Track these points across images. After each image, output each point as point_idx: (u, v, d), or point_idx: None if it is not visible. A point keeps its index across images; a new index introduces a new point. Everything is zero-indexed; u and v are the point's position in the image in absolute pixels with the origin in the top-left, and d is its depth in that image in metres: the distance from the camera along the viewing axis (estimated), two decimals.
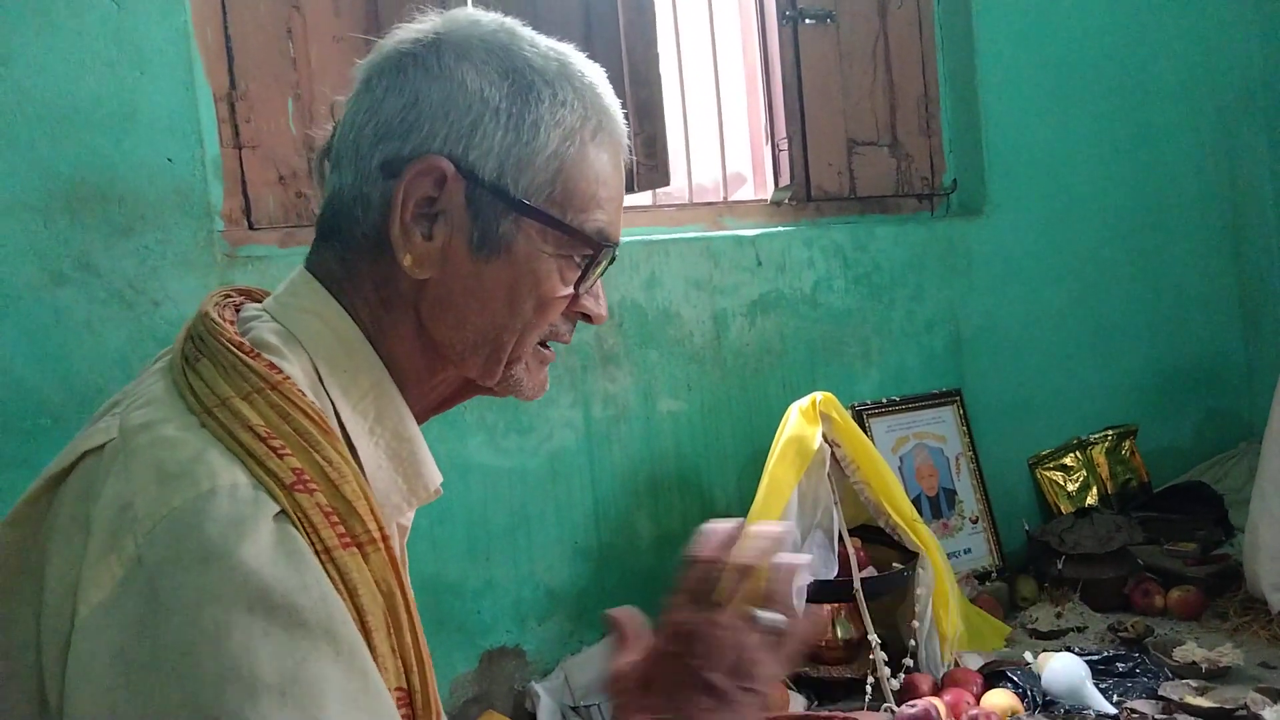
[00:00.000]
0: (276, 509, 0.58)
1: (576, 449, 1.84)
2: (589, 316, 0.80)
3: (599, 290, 0.80)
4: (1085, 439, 2.39)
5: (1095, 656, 1.70)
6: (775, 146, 2.21)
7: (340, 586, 0.59)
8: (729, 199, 2.19)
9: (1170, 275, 2.54)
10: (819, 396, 1.76)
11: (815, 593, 1.68)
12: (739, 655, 0.71)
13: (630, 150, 0.80)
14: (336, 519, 0.61)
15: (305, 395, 0.65)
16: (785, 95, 2.18)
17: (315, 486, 0.61)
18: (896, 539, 1.78)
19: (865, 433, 1.97)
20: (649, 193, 2.04)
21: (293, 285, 0.75)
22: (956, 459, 2.20)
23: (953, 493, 2.18)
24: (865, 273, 2.16)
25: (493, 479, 1.76)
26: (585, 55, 0.77)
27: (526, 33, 0.75)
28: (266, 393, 0.63)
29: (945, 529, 2.14)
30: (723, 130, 2.18)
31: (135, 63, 1.48)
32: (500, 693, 1.75)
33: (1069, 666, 1.61)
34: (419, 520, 0.80)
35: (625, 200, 1.99)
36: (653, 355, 1.92)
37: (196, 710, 0.51)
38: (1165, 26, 2.52)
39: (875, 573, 1.74)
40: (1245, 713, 1.45)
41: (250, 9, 1.64)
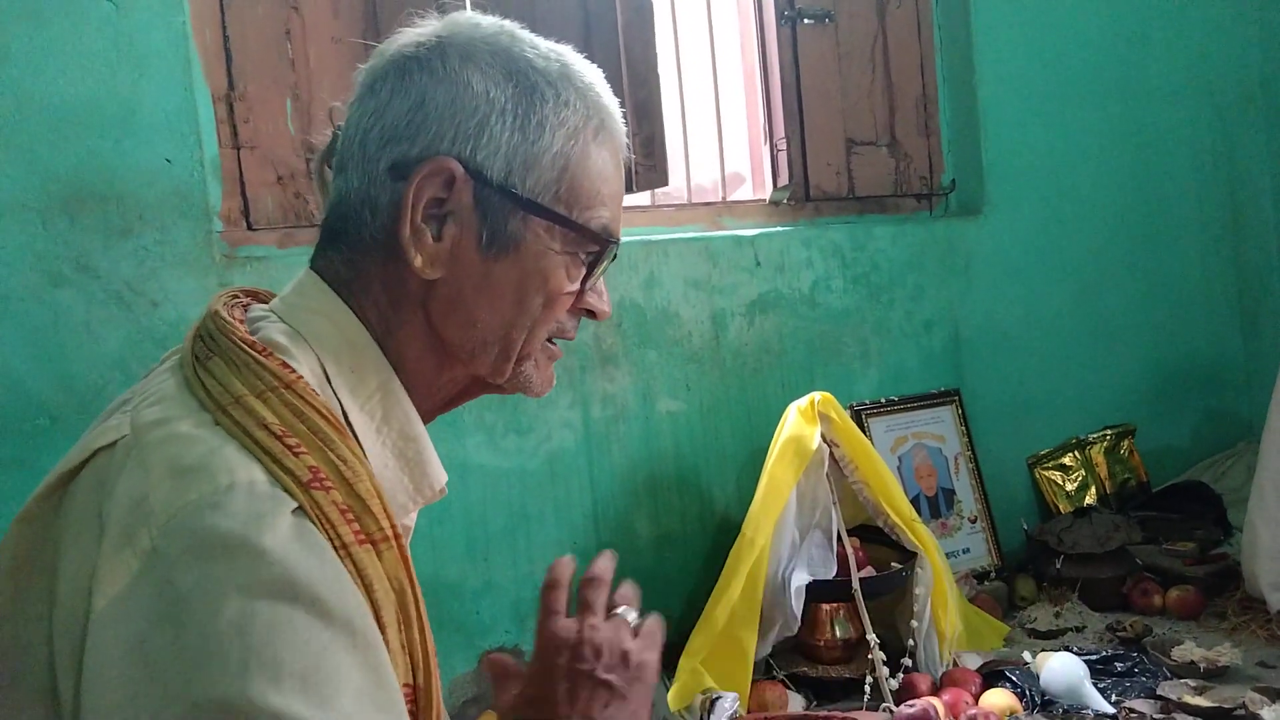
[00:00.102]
0: (294, 504, 0.59)
1: (575, 449, 1.84)
2: (593, 313, 0.81)
3: (602, 286, 0.81)
4: (1084, 438, 2.39)
5: (1094, 656, 1.70)
6: (774, 146, 2.21)
7: (357, 582, 0.60)
8: (727, 199, 2.19)
9: (1169, 275, 2.54)
10: (817, 396, 1.77)
11: (814, 592, 1.69)
12: (621, 651, 0.78)
13: (629, 150, 0.81)
14: (352, 516, 0.61)
15: (318, 395, 0.66)
16: (784, 95, 2.18)
17: (331, 484, 0.61)
18: (895, 539, 1.79)
19: (864, 432, 1.98)
20: (648, 193, 2.04)
21: (300, 286, 0.75)
22: (955, 459, 2.20)
23: (951, 492, 2.18)
24: (864, 273, 2.16)
25: (492, 479, 1.76)
26: (584, 56, 0.78)
27: (526, 35, 0.76)
28: (281, 391, 0.64)
29: (944, 529, 2.15)
30: (721, 130, 2.18)
31: (134, 64, 1.49)
32: None
33: (1067, 666, 1.61)
34: (418, 521, 0.80)
35: (624, 200, 2.00)
36: (651, 355, 1.92)
37: (220, 696, 0.51)
38: (1164, 27, 2.52)
39: (874, 572, 1.75)
40: (1243, 712, 1.45)
41: (249, 10, 1.64)
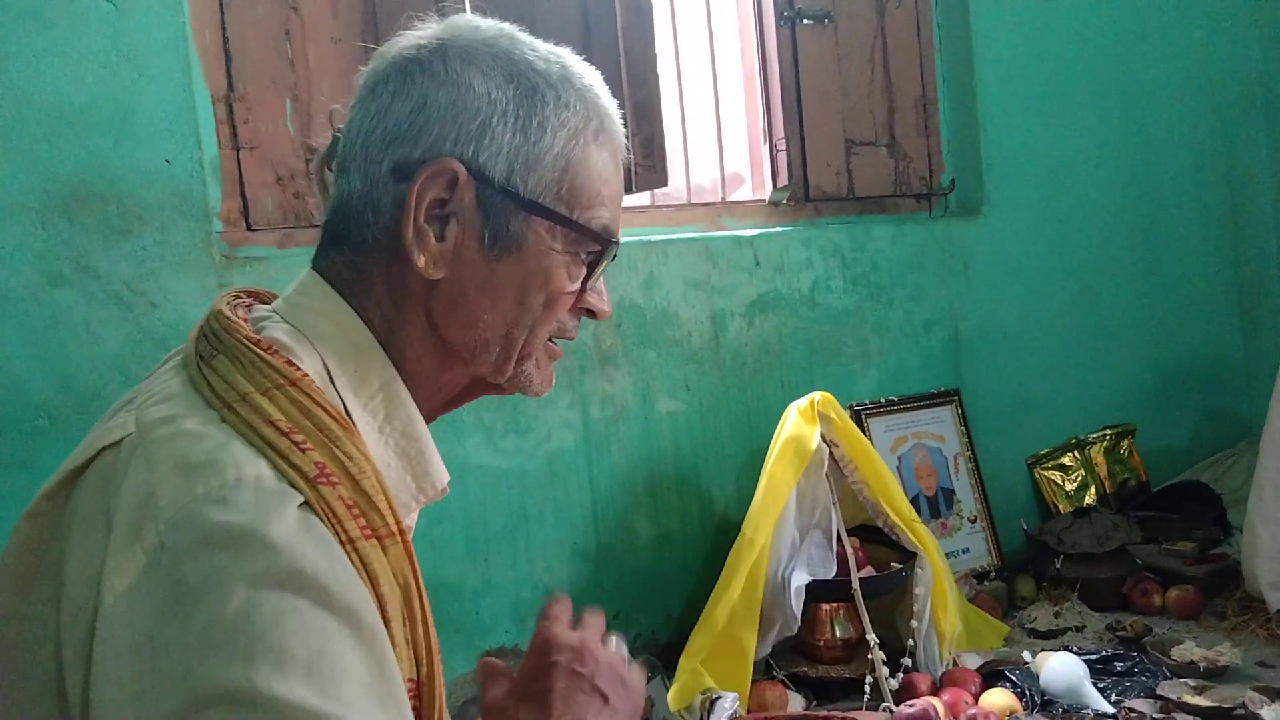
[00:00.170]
0: (301, 499, 0.59)
1: (575, 449, 1.84)
2: (593, 312, 0.82)
3: (602, 286, 0.82)
4: (1084, 438, 2.39)
5: (1093, 656, 1.70)
6: (773, 147, 2.21)
7: (363, 576, 0.60)
8: (727, 199, 2.19)
9: (1169, 275, 2.54)
10: (817, 396, 1.77)
11: (814, 592, 1.69)
12: (618, 669, 0.81)
13: (628, 151, 0.82)
14: (358, 511, 0.62)
15: (324, 393, 0.67)
16: (783, 95, 2.18)
17: (337, 480, 0.62)
18: (895, 539, 1.79)
19: (864, 432, 1.98)
20: (647, 193, 2.04)
21: (302, 287, 0.76)
22: (955, 459, 2.20)
23: (951, 492, 2.18)
24: (863, 273, 2.16)
25: (491, 480, 1.76)
26: (583, 56, 0.79)
27: (526, 37, 0.77)
28: (286, 389, 0.64)
29: (944, 528, 2.15)
30: (721, 131, 2.18)
31: (133, 64, 1.49)
32: None
33: (1067, 666, 1.61)
34: (418, 521, 0.80)
35: (624, 201, 2.00)
36: (651, 356, 1.92)
37: (225, 684, 0.51)
38: (1163, 26, 2.52)
39: (874, 572, 1.75)
40: (1243, 712, 1.45)
41: (248, 11, 1.64)
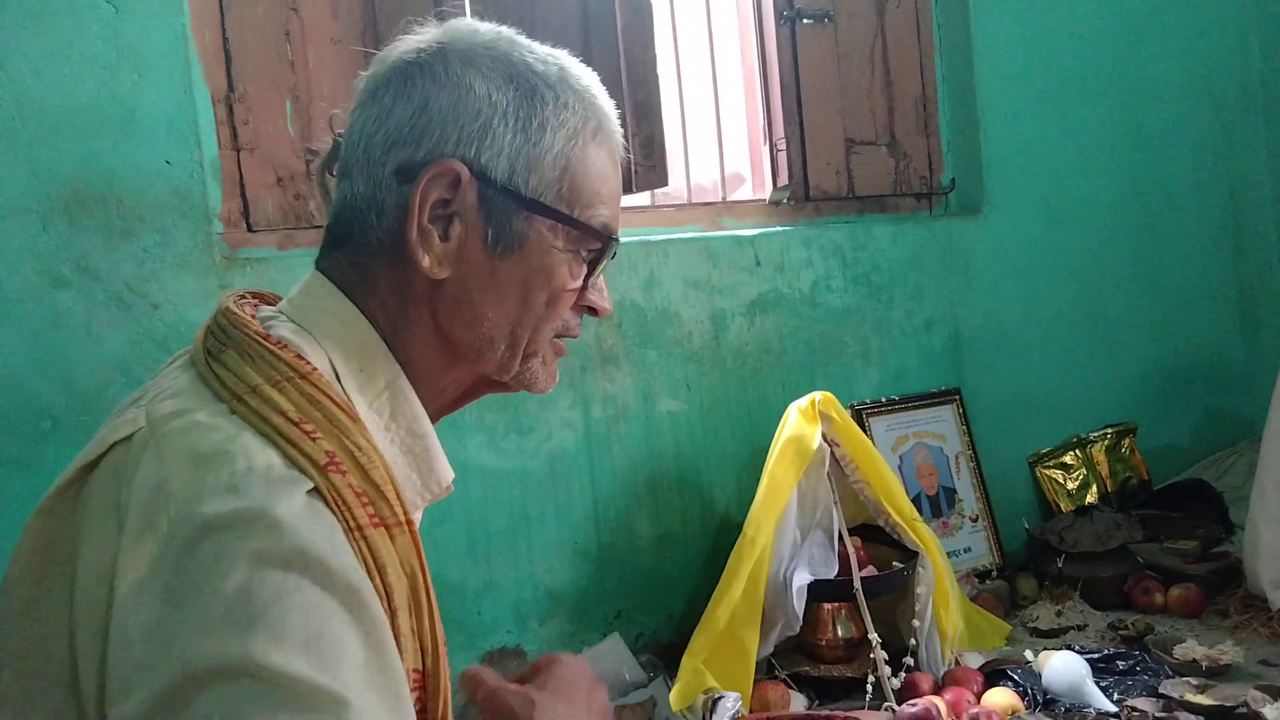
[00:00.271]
0: (310, 485, 0.60)
1: (576, 449, 1.84)
2: (595, 310, 0.83)
3: (603, 284, 0.83)
4: (1085, 437, 2.39)
5: (1095, 655, 1.70)
6: (773, 146, 2.21)
7: (370, 563, 0.61)
8: (727, 199, 2.19)
9: (1169, 273, 2.54)
10: (818, 396, 1.77)
11: (816, 592, 1.68)
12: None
13: (628, 151, 0.83)
14: (366, 500, 0.63)
15: (332, 386, 0.68)
16: (783, 95, 2.18)
17: (346, 469, 0.63)
18: (896, 538, 1.79)
19: (865, 432, 1.98)
20: (647, 193, 2.04)
21: (307, 288, 0.77)
22: (956, 458, 2.20)
23: (952, 491, 2.18)
24: (864, 272, 2.16)
25: (493, 480, 1.76)
26: (583, 57, 0.81)
27: (524, 40, 0.78)
28: (296, 381, 0.65)
29: (945, 528, 2.14)
30: (721, 130, 2.18)
31: (133, 66, 1.49)
32: None
33: (1069, 665, 1.61)
34: (421, 521, 0.80)
35: (624, 201, 2.00)
36: (652, 355, 1.92)
37: (222, 656, 0.51)
38: (1163, 25, 2.52)
39: (875, 572, 1.75)
40: (1245, 710, 1.45)
41: (248, 11, 1.64)
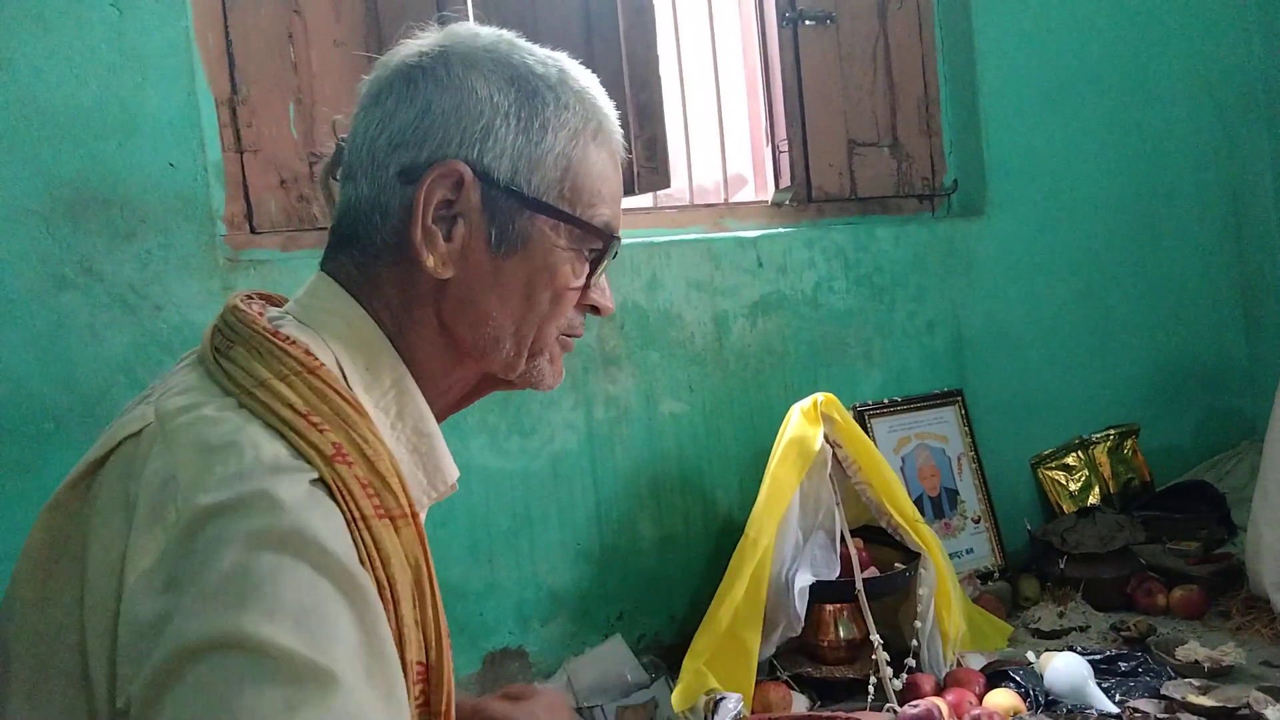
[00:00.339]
0: (314, 475, 0.61)
1: (578, 451, 1.84)
2: (598, 309, 0.84)
3: (605, 283, 0.84)
4: (1087, 438, 2.39)
5: (1097, 656, 1.70)
6: (776, 148, 2.21)
7: (373, 554, 0.61)
8: (730, 200, 2.19)
9: (1172, 274, 2.54)
10: (820, 397, 1.77)
11: (818, 593, 1.69)
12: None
13: (631, 152, 0.84)
14: (372, 491, 0.64)
15: (340, 381, 0.69)
16: (785, 97, 2.18)
17: (353, 460, 0.63)
18: (898, 539, 1.79)
19: (867, 433, 1.98)
20: (650, 195, 2.04)
21: (313, 288, 0.78)
22: (958, 459, 2.20)
23: (955, 493, 2.18)
24: (866, 273, 2.16)
25: (495, 481, 1.76)
26: (585, 58, 0.81)
27: (524, 43, 0.79)
28: (305, 375, 0.66)
29: (947, 529, 2.14)
30: (723, 132, 2.18)
31: (137, 68, 1.49)
32: None
33: (1071, 666, 1.61)
34: (424, 522, 0.81)
35: (626, 202, 2.00)
36: (654, 357, 1.92)
37: (214, 630, 0.52)
38: (1165, 25, 2.52)
39: (877, 573, 1.74)
40: (1248, 712, 1.45)
41: (251, 14, 1.64)
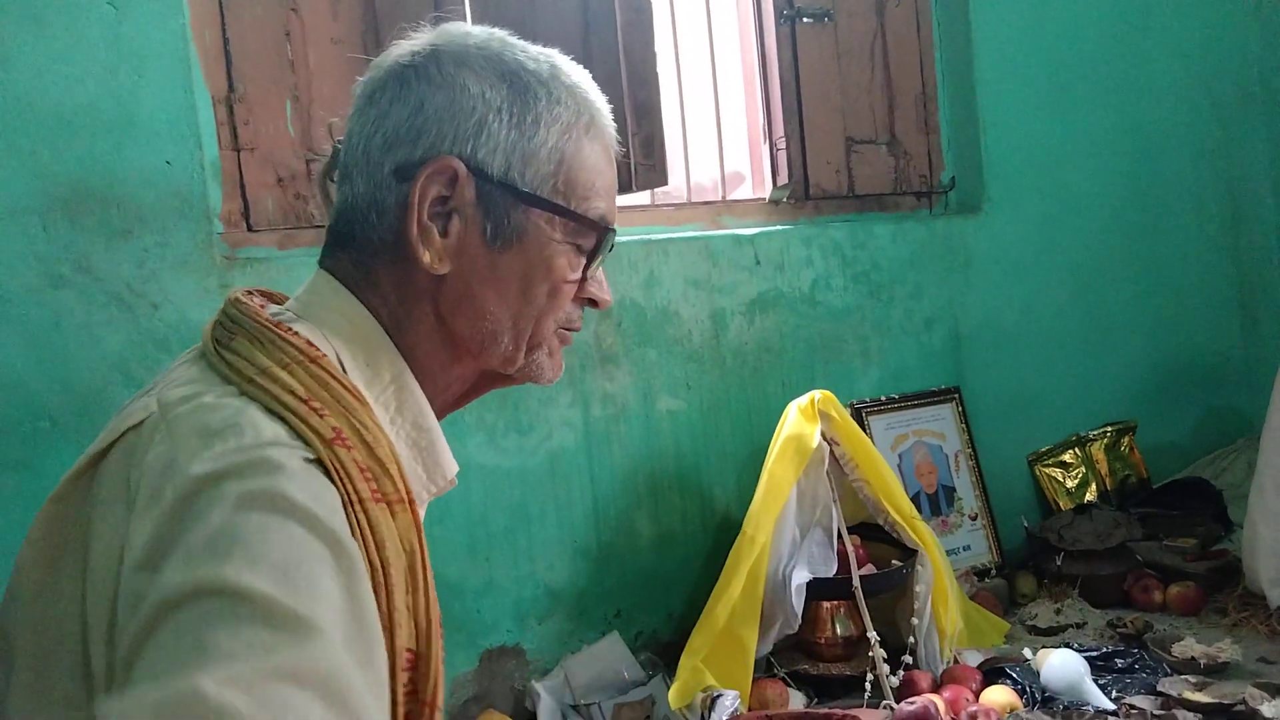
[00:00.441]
0: (312, 455, 0.61)
1: (576, 448, 1.85)
2: (595, 302, 0.85)
3: (602, 276, 0.85)
4: (1084, 435, 2.39)
5: (1094, 652, 1.70)
6: (773, 145, 2.21)
7: (369, 536, 0.62)
8: (727, 198, 2.19)
9: (1169, 272, 2.55)
10: (818, 395, 1.77)
11: (815, 590, 1.69)
12: None
13: (628, 150, 0.84)
14: (370, 475, 0.64)
15: (341, 372, 0.69)
16: (783, 94, 2.18)
17: (352, 444, 0.64)
18: (896, 536, 1.79)
19: (864, 430, 1.98)
20: (647, 192, 2.04)
21: (313, 286, 0.78)
22: (955, 456, 2.20)
23: (952, 490, 2.19)
24: (864, 271, 2.16)
25: (492, 479, 1.77)
26: (583, 56, 0.81)
27: (516, 40, 0.80)
28: (306, 364, 0.67)
29: (944, 526, 2.15)
30: (721, 129, 2.18)
31: (133, 66, 1.49)
32: (501, 692, 1.76)
33: (1068, 663, 1.61)
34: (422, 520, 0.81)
35: (624, 200, 2.00)
36: (651, 354, 1.92)
37: (197, 580, 0.51)
38: (1163, 24, 2.52)
39: (874, 570, 1.75)
40: (1244, 708, 1.45)
41: (248, 12, 1.64)
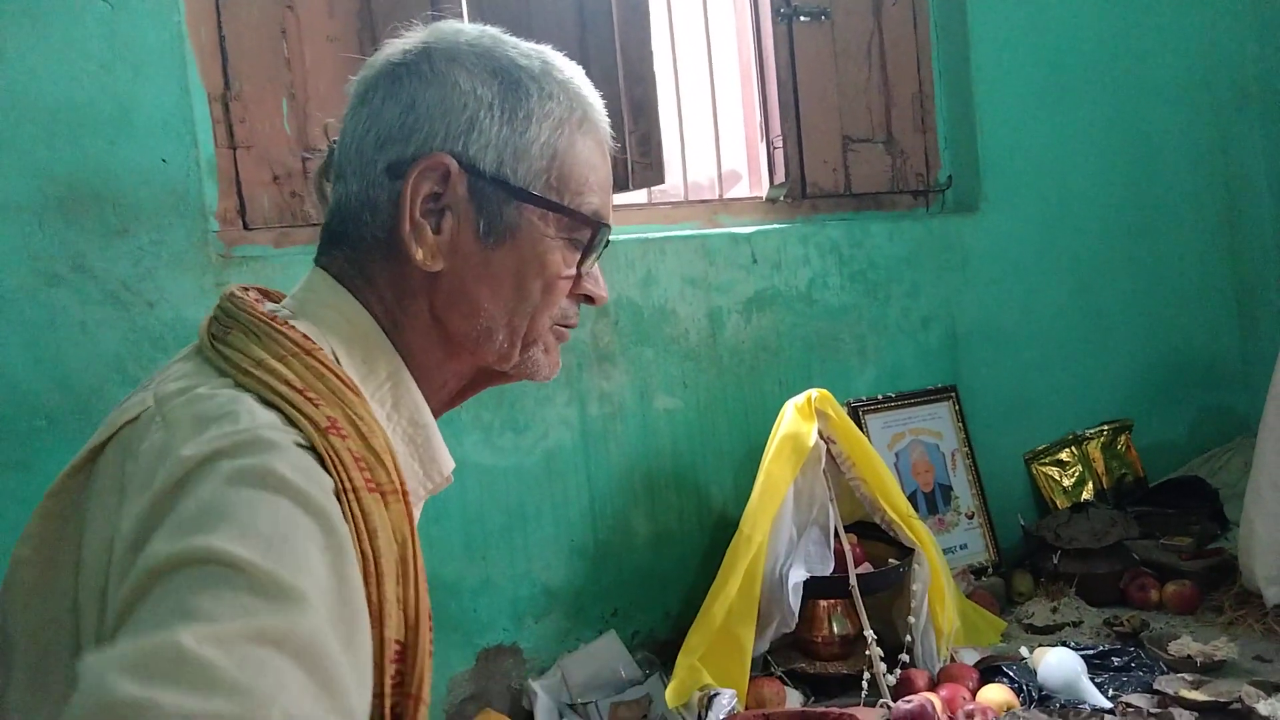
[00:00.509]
0: (305, 442, 0.61)
1: (572, 447, 1.84)
2: (591, 298, 0.84)
3: (598, 272, 0.85)
4: (1081, 434, 2.40)
5: (1091, 651, 1.71)
6: (770, 144, 2.21)
7: (361, 525, 0.61)
8: (724, 196, 2.19)
9: (1166, 271, 2.55)
10: (815, 393, 1.77)
11: (812, 589, 1.69)
12: None
13: (625, 148, 0.84)
14: (364, 465, 0.64)
15: (337, 365, 0.69)
16: (780, 92, 2.18)
17: (347, 434, 0.64)
18: (892, 535, 1.79)
19: (861, 429, 1.98)
20: (644, 190, 2.04)
21: (309, 283, 0.78)
22: (952, 455, 2.21)
23: (949, 488, 2.19)
24: (860, 269, 2.16)
25: (489, 478, 1.76)
26: (579, 54, 0.80)
27: (508, 37, 0.80)
28: (302, 356, 0.67)
29: (941, 525, 2.15)
30: (718, 128, 2.18)
31: (129, 64, 1.49)
32: (497, 691, 1.75)
33: (1065, 661, 1.62)
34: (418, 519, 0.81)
35: (620, 198, 2.00)
36: (648, 353, 1.92)
37: (186, 549, 0.51)
38: (1160, 23, 2.52)
39: (871, 569, 1.75)
40: (1240, 706, 1.46)
41: (244, 9, 1.64)
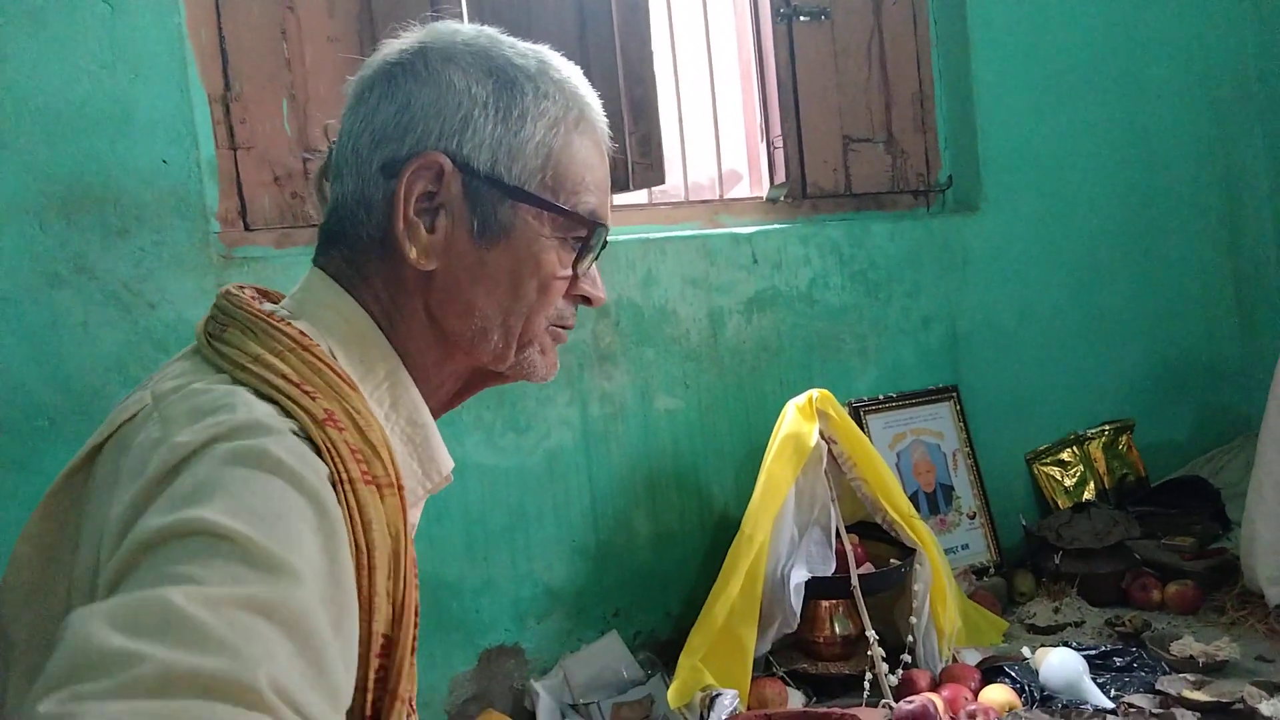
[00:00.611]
0: (301, 433, 0.61)
1: (574, 447, 1.84)
2: (588, 300, 0.84)
3: (595, 273, 0.84)
4: (1082, 434, 2.39)
5: (1093, 651, 1.71)
6: (770, 144, 2.21)
7: (356, 517, 0.62)
8: (724, 196, 2.19)
9: (1166, 270, 2.55)
10: (816, 393, 1.77)
11: (813, 589, 1.69)
12: None
13: (625, 148, 0.83)
14: (361, 458, 0.64)
15: (334, 361, 0.69)
16: (780, 92, 2.18)
17: (344, 427, 0.64)
18: (894, 535, 1.79)
19: (862, 429, 1.98)
20: (644, 191, 2.04)
21: (307, 283, 0.79)
22: (954, 455, 2.20)
23: (950, 489, 2.19)
24: (861, 269, 2.16)
25: (490, 478, 1.76)
26: (579, 54, 0.80)
27: (505, 37, 0.80)
28: (299, 352, 0.67)
29: (943, 525, 2.15)
30: (718, 128, 2.18)
31: (130, 65, 1.49)
32: (499, 691, 1.75)
33: (1066, 661, 1.61)
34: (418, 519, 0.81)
35: (621, 199, 1.99)
36: (649, 353, 1.92)
37: (178, 522, 0.51)
38: (1160, 22, 2.52)
39: (873, 569, 1.75)
40: (1242, 706, 1.46)
41: (244, 10, 1.64)
